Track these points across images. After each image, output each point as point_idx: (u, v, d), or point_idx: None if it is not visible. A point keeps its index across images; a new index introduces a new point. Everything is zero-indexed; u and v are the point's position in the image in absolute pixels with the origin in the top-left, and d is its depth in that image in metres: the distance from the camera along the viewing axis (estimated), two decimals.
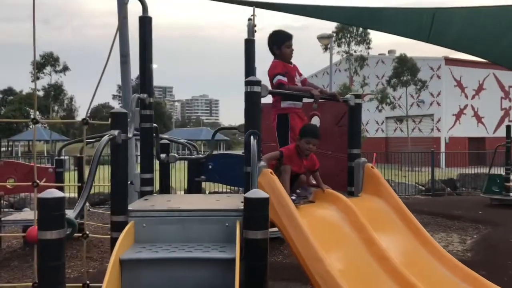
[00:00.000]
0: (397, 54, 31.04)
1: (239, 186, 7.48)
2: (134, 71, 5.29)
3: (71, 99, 54.02)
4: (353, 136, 4.23)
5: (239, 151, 6.56)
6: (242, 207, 3.20)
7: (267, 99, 3.75)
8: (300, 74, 4.32)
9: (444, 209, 10.55)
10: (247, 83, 3.24)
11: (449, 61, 32.54)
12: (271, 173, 3.33)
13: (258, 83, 3.22)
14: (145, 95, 3.89)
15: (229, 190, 12.61)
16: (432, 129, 33.64)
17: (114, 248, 2.82)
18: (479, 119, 34.19)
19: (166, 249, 3.02)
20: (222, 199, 3.85)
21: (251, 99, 3.22)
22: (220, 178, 5.84)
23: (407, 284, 3.18)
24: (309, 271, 2.99)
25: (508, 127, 11.64)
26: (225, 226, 3.25)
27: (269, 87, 3.54)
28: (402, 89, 28.22)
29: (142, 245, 3.08)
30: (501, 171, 12.22)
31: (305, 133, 3.79)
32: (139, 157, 4.91)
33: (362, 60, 27.98)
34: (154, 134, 4.05)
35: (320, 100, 4.06)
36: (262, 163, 3.17)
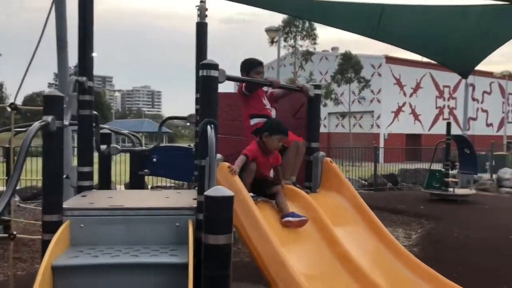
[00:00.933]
0: (340, 51, 31.63)
1: (185, 180, 7.10)
2: (73, 59, 4.78)
3: (1, 85, 50.58)
4: (312, 129, 4.01)
5: (183, 144, 6.21)
6: (195, 205, 2.89)
7: (224, 88, 3.44)
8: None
9: (388, 203, 10.73)
10: (203, 67, 2.91)
11: (389, 59, 33.60)
12: (228, 167, 3.03)
13: (215, 66, 2.90)
14: (84, 78, 3.44)
15: (173, 185, 12.13)
16: (372, 126, 34.66)
17: (46, 253, 2.41)
18: (416, 116, 35.63)
19: (108, 253, 2.64)
20: (171, 195, 3.49)
21: (208, 85, 2.89)
22: (165, 172, 5.47)
23: (370, 285, 3.01)
24: (268, 274, 2.73)
25: (448, 124, 12.03)
26: (176, 226, 2.91)
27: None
28: (345, 86, 28.75)
29: (79, 249, 2.68)
30: (439, 166, 12.67)
31: (276, 130, 3.51)
32: (76, 149, 4.44)
33: (308, 55, 28.19)
34: (94, 123, 3.61)
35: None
36: (219, 156, 2.86)
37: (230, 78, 3.12)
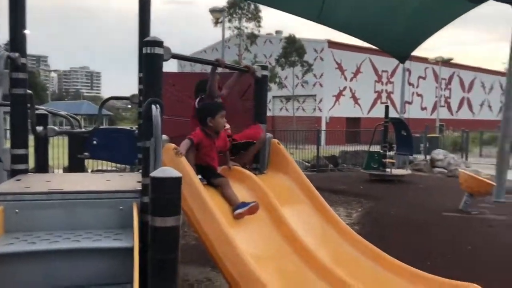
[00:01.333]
0: (284, 35, 31.84)
1: (128, 163, 6.89)
2: (3, 36, 4.43)
3: None
4: (259, 110, 4.00)
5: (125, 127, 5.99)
6: (140, 188, 2.81)
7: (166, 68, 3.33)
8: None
9: (330, 184, 11.01)
10: (147, 44, 2.79)
11: (331, 44, 34.26)
12: (174, 149, 2.96)
13: (159, 44, 2.79)
14: (17, 54, 3.21)
15: (115, 168, 11.76)
16: (315, 109, 35.38)
17: None
18: (356, 100, 36.76)
19: (46, 239, 2.51)
20: (113, 178, 3.37)
21: (152, 63, 2.78)
22: (106, 155, 5.27)
23: (315, 263, 3.08)
24: (216, 255, 2.71)
25: (386, 107, 12.48)
26: (119, 209, 2.82)
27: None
28: (289, 70, 29.01)
29: (15, 236, 2.53)
30: (377, 148, 13.17)
31: (215, 109, 3.42)
32: (8, 131, 4.16)
33: (253, 37, 28.12)
34: (28, 103, 3.39)
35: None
36: (165, 137, 2.78)
37: (175, 56, 3.02)
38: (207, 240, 2.75)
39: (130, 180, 3.23)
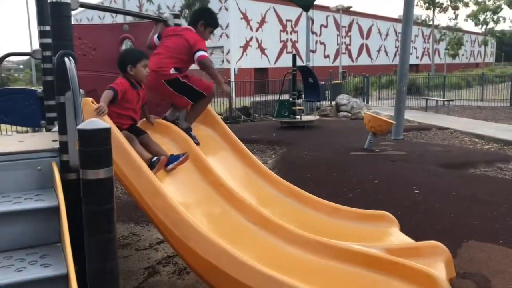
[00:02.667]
0: None
1: (30, 125, 6.47)
2: None
3: None
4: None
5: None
6: (58, 146, 2.69)
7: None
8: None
9: (244, 134, 11.22)
10: None
11: None
12: (92, 102, 2.84)
13: None
14: None
15: (15, 132, 10.91)
16: (223, 61, 35.15)
17: None
18: (262, 50, 37.05)
19: None
20: (26, 139, 3.17)
21: (59, 13, 2.58)
22: (6, 118, 4.89)
23: (242, 205, 3.21)
24: (148, 208, 2.72)
25: (294, 56, 12.79)
26: (38, 170, 2.69)
27: None
28: None
29: None
30: (287, 97, 13.58)
31: (139, 57, 3.24)
32: None
33: None
34: None
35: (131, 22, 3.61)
36: (81, 91, 2.64)
37: (84, 5, 2.83)
38: (136, 193, 2.74)
39: (44, 140, 3.06)
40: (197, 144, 3.49)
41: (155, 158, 3.05)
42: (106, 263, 1.81)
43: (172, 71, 3.48)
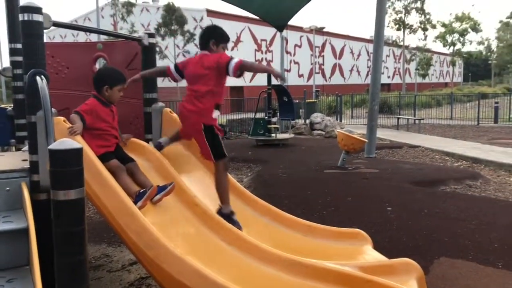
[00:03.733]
0: (161, 3, 30.84)
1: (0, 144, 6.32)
2: None
3: None
4: (149, 80, 3.92)
5: None
6: (28, 166, 2.64)
7: None
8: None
9: None
10: (23, 10, 2.56)
11: (210, 13, 34.06)
12: (64, 121, 2.80)
13: (38, 10, 2.58)
14: None
15: None
16: None
17: None
18: None
19: None
20: None
21: (31, 31, 2.57)
22: None
23: (217, 225, 3.19)
24: (120, 228, 2.67)
25: (269, 75, 12.89)
26: (6, 191, 2.63)
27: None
28: (169, 39, 28.31)
29: None
30: (262, 115, 13.67)
31: (116, 80, 3.16)
32: None
33: (130, 6, 26.74)
34: None
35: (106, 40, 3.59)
36: (53, 110, 2.61)
37: (57, 24, 2.82)
38: (108, 213, 2.69)
39: (14, 159, 3.00)
40: (239, 228, 3.18)
41: (142, 190, 2.95)
42: (77, 286, 1.77)
43: (214, 115, 3.35)
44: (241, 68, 3.30)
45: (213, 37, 3.48)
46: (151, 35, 3.89)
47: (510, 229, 4.79)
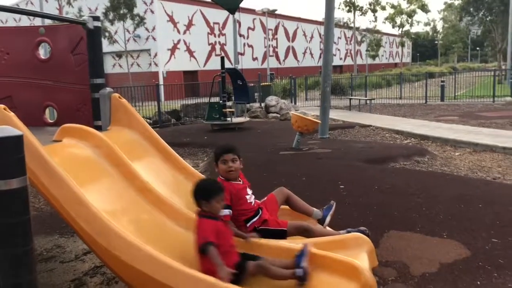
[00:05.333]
0: None
1: None
2: None
3: None
4: (95, 64, 3.81)
5: None
6: None
7: None
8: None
9: (174, 138, 11.11)
10: None
11: None
12: (4, 109, 2.68)
13: None
14: None
15: None
16: (150, 64, 34.46)
17: None
18: (191, 53, 36.78)
19: None
20: None
21: None
22: None
23: (172, 211, 3.18)
24: (70, 217, 2.62)
25: (222, 58, 12.84)
26: None
27: None
28: (118, 24, 27.40)
29: None
30: (217, 99, 13.61)
31: (211, 192, 2.85)
32: None
33: None
34: None
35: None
36: None
37: None
38: (57, 203, 2.62)
39: None
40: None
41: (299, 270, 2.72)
42: (22, 278, 1.72)
43: None
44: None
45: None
46: (96, 18, 3.76)
47: (455, 201, 5.05)
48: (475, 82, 26.17)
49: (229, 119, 12.66)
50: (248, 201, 3.28)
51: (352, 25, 45.60)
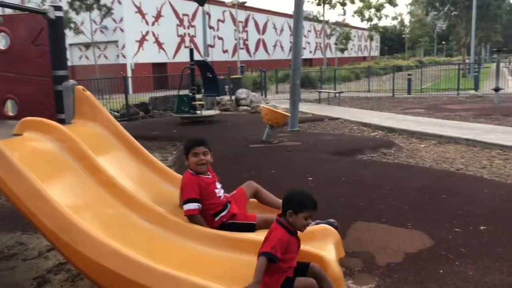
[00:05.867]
0: None
1: None
2: None
3: None
4: (57, 56, 3.68)
5: None
6: None
7: None
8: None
9: (142, 131, 10.95)
10: None
11: None
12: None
13: None
14: None
15: None
16: (118, 56, 33.76)
17: None
18: (160, 45, 36.22)
19: None
20: None
21: None
22: None
23: (138, 206, 3.13)
24: (31, 214, 2.53)
25: (191, 50, 12.68)
26: None
27: None
28: (85, 14, 26.72)
29: None
30: (186, 92, 13.45)
31: (303, 204, 2.63)
32: None
33: None
34: None
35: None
36: None
37: None
38: (16, 199, 2.53)
39: None
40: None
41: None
42: None
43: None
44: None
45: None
46: (57, 8, 3.64)
47: (419, 192, 5.17)
48: (440, 75, 26.84)
49: (198, 112, 12.56)
50: (217, 195, 3.27)
51: (321, 18, 45.92)
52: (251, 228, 3.25)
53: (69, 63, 32.78)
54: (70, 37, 27.81)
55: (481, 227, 4.12)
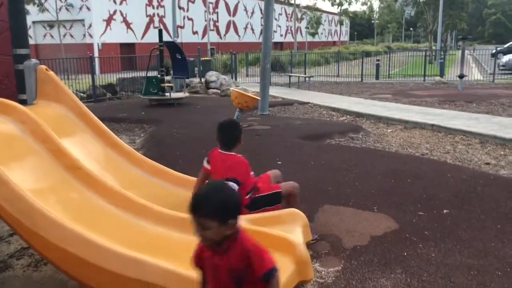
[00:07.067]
0: None
1: None
2: None
3: None
4: (18, 33, 3.53)
5: None
6: None
7: None
8: None
9: (109, 113, 10.71)
10: None
11: None
12: None
13: None
14: None
15: None
16: (84, 35, 32.73)
17: None
18: (128, 25, 35.29)
19: None
20: None
21: None
22: None
23: (104, 189, 3.07)
24: None
25: (160, 31, 12.40)
26: None
27: None
28: None
29: None
30: (155, 73, 13.21)
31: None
32: None
33: None
34: None
35: None
36: None
37: None
38: None
39: None
40: None
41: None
42: None
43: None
44: None
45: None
46: None
47: (385, 176, 5.28)
48: (408, 61, 27.29)
49: (167, 94, 12.36)
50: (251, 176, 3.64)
51: (292, 1, 45.71)
52: (278, 196, 3.58)
53: (33, 42, 31.81)
54: (33, 14, 26.74)
55: (444, 210, 4.24)
